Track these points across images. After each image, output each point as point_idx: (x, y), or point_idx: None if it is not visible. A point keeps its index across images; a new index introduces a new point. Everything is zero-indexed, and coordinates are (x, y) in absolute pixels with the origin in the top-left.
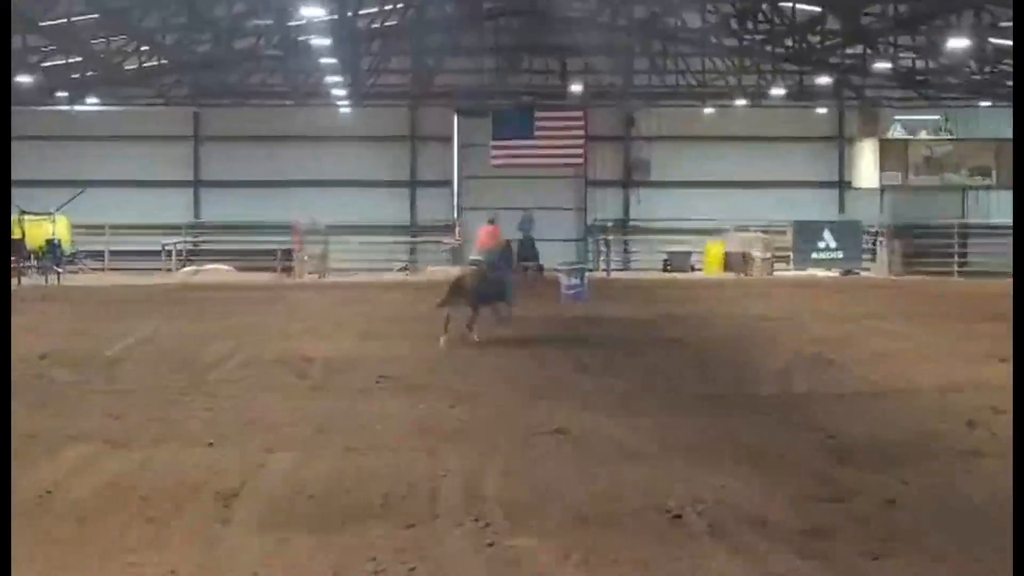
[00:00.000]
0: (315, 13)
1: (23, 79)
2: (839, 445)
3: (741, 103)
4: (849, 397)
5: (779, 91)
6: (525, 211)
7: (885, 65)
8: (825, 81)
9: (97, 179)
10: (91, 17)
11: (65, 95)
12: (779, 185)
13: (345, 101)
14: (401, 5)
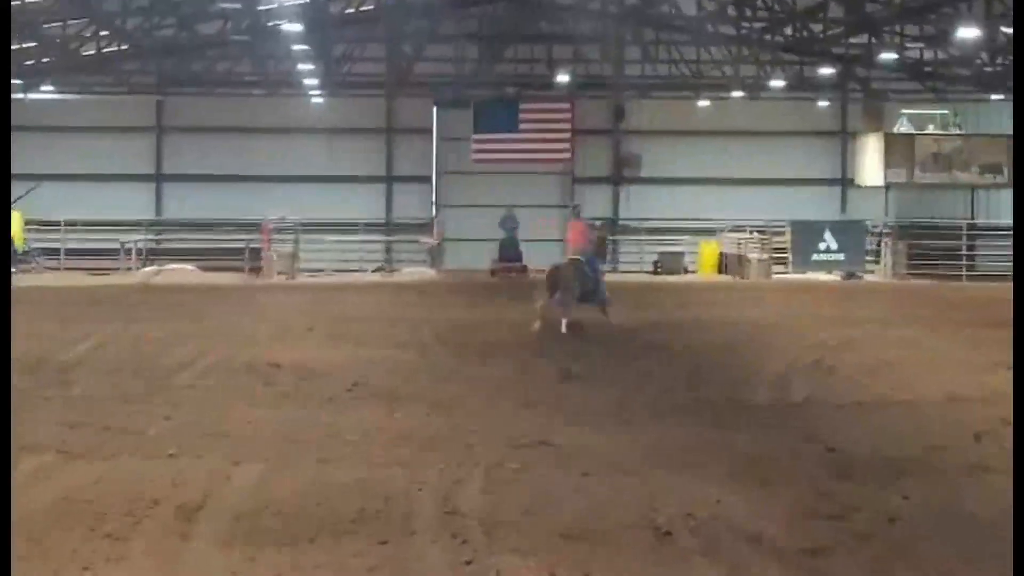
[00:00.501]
0: None
1: None
2: (839, 458)
3: (738, 95)
4: (850, 407)
5: (778, 83)
6: (508, 209)
7: (891, 56)
8: (827, 72)
9: (53, 173)
10: None
11: (19, 83)
12: (778, 183)
13: (317, 91)
14: None
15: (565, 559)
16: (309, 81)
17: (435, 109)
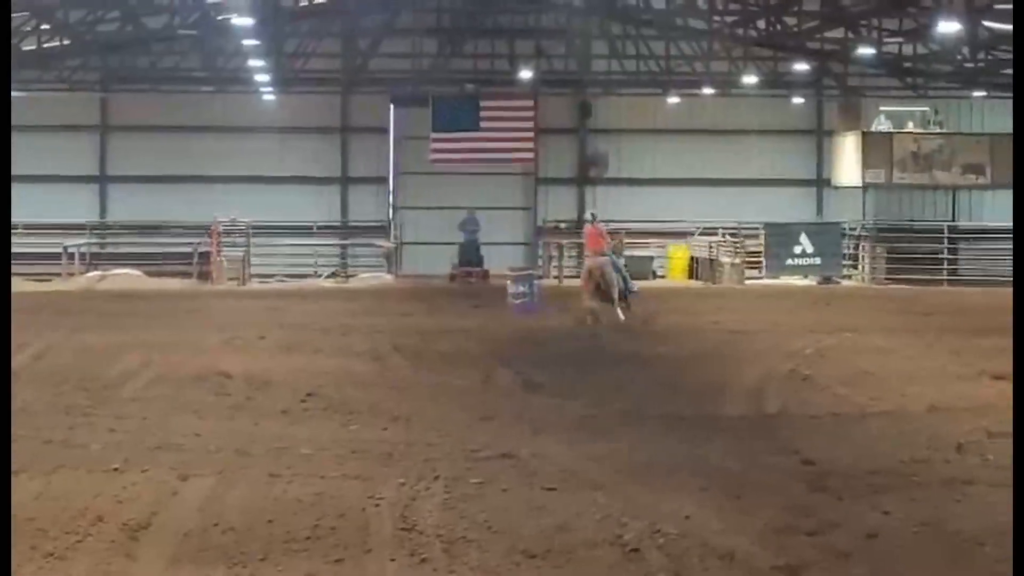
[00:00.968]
0: None
1: None
2: (815, 471)
3: (709, 92)
4: (827, 418)
5: (751, 79)
6: (468, 211)
7: (869, 51)
8: (802, 68)
9: None
10: None
11: None
12: (751, 183)
13: (269, 88)
14: None
15: None
16: (260, 78)
17: (392, 107)
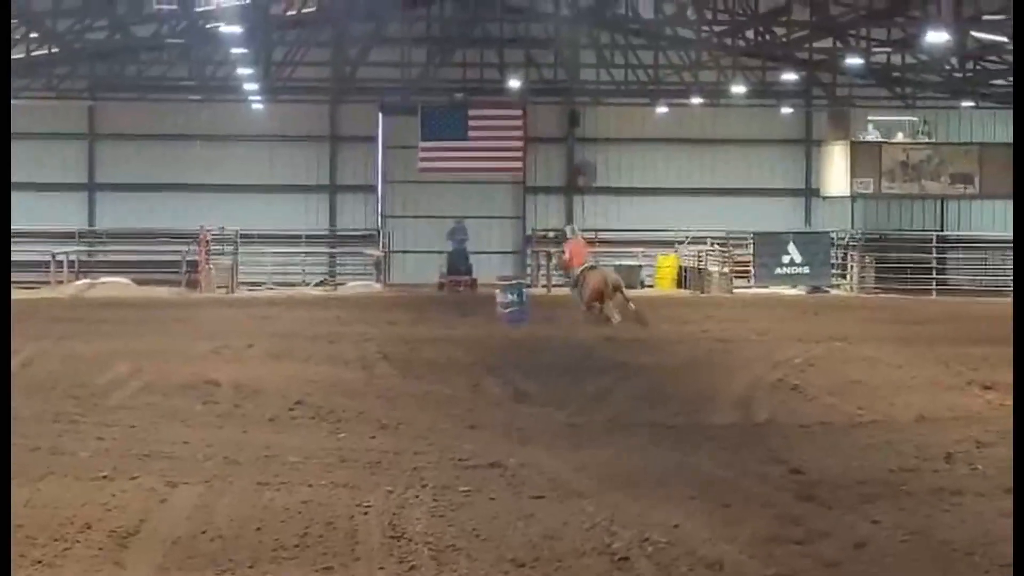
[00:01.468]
0: None
1: None
2: (804, 480)
3: (698, 102)
4: (816, 428)
5: (740, 89)
6: (457, 220)
7: (857, 61)
8: (791, 78)
9: None
10: None
11: None
12: (739, 193)
13: (257, 96)
14: None
15: None
16: (249, 86)
17: (380, 115)
